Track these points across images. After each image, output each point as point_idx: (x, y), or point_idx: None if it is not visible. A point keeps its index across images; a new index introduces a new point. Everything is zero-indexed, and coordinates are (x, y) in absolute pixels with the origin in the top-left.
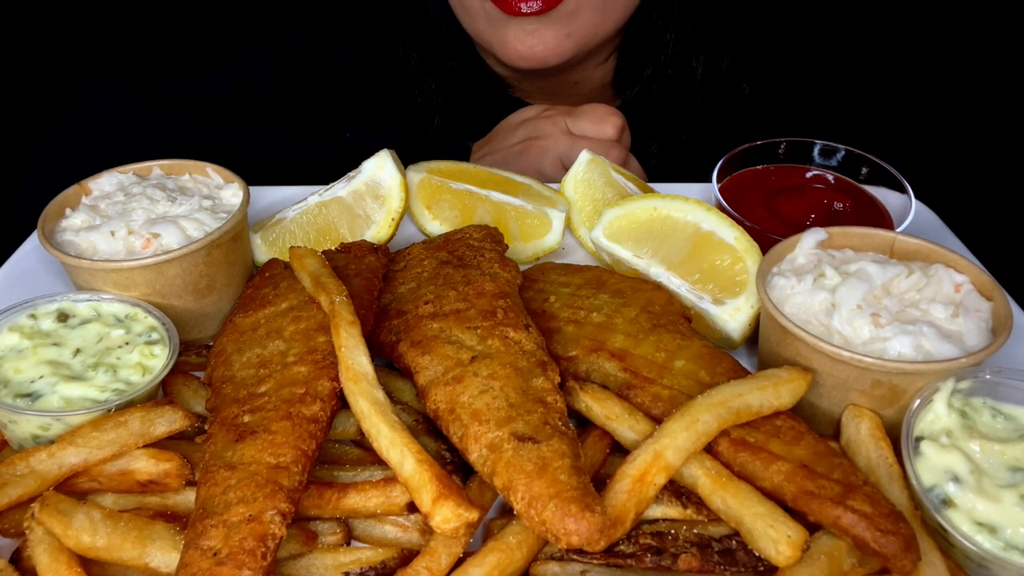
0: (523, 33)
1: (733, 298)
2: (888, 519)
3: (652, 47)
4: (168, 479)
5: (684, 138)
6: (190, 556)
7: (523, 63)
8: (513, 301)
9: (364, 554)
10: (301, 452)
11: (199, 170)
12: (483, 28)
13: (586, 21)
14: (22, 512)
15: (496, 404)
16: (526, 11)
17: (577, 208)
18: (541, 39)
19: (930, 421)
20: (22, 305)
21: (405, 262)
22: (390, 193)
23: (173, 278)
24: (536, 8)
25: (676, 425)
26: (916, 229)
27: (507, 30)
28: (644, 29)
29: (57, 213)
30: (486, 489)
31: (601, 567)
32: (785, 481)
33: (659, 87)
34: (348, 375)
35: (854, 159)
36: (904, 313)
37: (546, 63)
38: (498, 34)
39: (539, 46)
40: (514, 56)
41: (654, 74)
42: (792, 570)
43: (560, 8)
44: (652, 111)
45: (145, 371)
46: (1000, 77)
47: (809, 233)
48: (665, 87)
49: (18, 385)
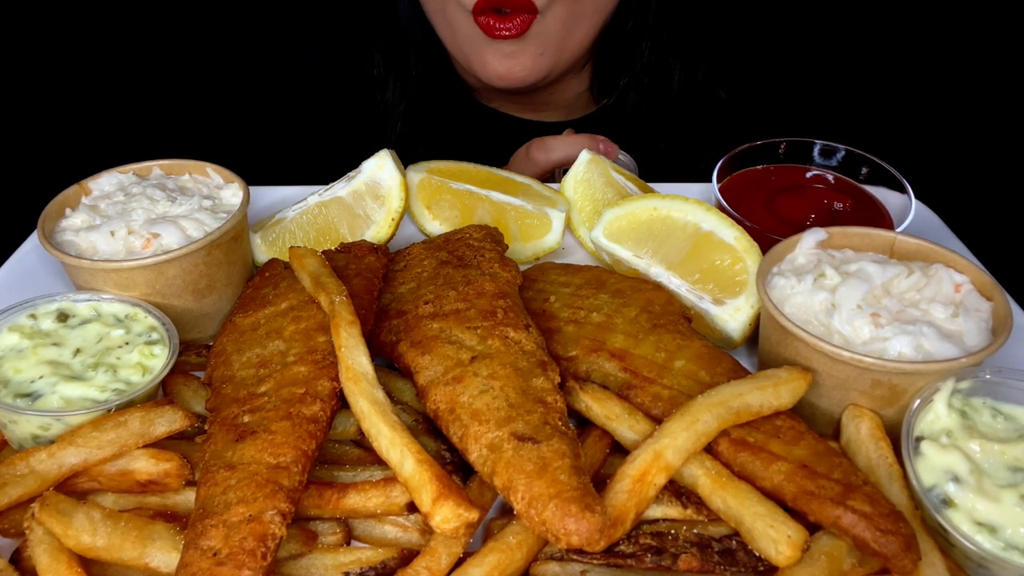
0: (502, 55)
1: (733, 298)
2: (888, 519)
3: (627, 56)
4: (168, 479)
5: (662, 147)
6: (190, 556)
7: (502, 83)
8: (513, 301)
9: (364, 554)
10: (301, 452)
11: (199, 170)
12: (463, 43)
13: (555, 38)
14: (22, 512)
15: (496, 404)
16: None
17: (577, 208)
18: (519, 61)
19: (930, 421)
20: (22, 305)
21: (405, 262)
22: (390, 193)
23: (173, 278)
24: (513, 32)
25: (676, 425)
26: (916, 229)
27: (486, 51)
28: (619, 38)
29: (57, 213)
30: (486, 489)
31: (601, 567)
32: (785, 481)
33: (636, 95)
34: (348, 375)
35: (854, 159)
36: (904, 313)
37: (524, 83)
38: (478, 52)
39: (517, 67)
40: (493, 76)
41: (630, 83)
42: (792, 570)
43: (531, 29)
44: (629, 120)
45: (145, 371)
46: (1000, 77)
47: (809, 233)
48: (642, 95)
49: (18, 385)
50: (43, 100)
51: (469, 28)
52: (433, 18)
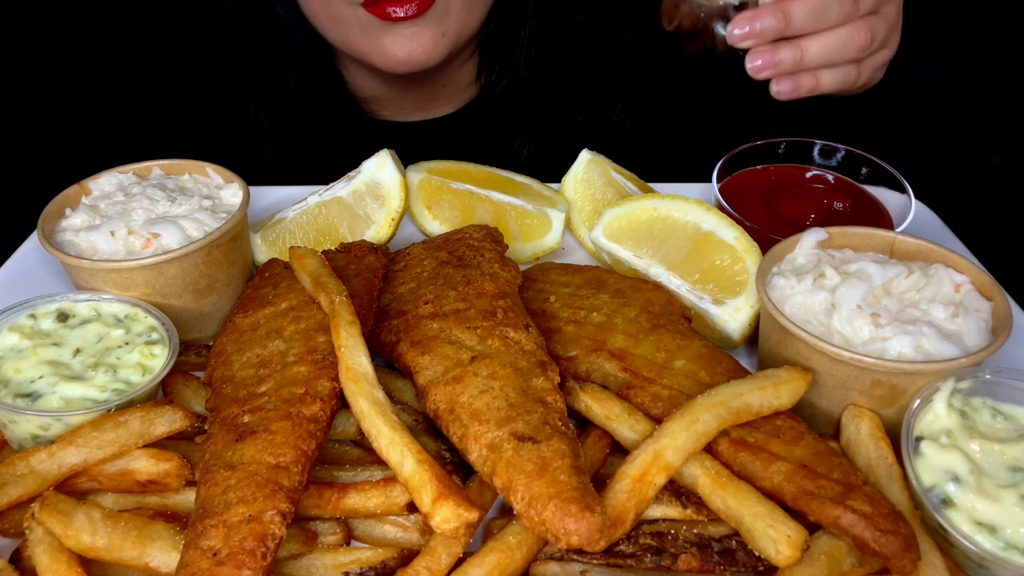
0: (401, 38)
1: (733, 298)
2: (888, 519)
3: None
4: (168, 479)
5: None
6: (190, 556)
7: (403, 68)
8: (513, 301)
9: (364, 554)
10: (301, 452)
11: (199, 170)
12: (356, 38)
13: (456, 18)
14: (22, 512)
15: (496, 404)
16: (403, 15)
17: (577, 208)
18: (420, 41)
19: (930, 421)
20: (22, 305)
21: (405, 262)
22: (390, 193)
23: (173, 278)
24: (412, 12)
25: (676, 425)
26: (916, 229)
27: (383, 37)
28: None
29: (57, 213)
30: (486, 489)
31: (601, 567)
32: (785, 481)
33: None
34: (348, 375)
35: (854, 159)
36: (904, 313)
37: (427, 64)
38: (374, 42)
39: (419, 49)
40: (393, 62)
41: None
42: (792, 570)
43: (432, 8)
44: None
45: (145, 371)
46: (1000, 77)
47: (809, 233)
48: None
49: (18, 385)
50: (43, 100)
51: (360, 19)
52: (317, 19)
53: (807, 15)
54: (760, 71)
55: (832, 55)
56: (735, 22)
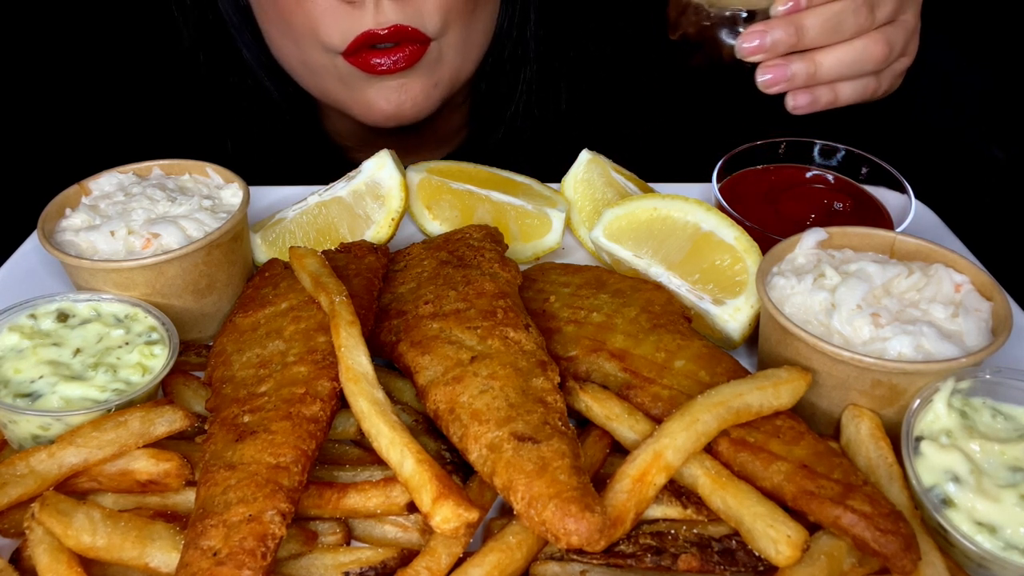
0: (387, 90)
1: (733, 298)
2: (888, 519)
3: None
4: (168, 479)
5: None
6: (190, 556)
7: (391, 123)
8: (513, 301)
9: (364, 554)
10: (301, 452)
11: (199, 170)
12: (335, 88)
13: (449, 66)
14: (22, 512)
15: (496, 404)
16: (389, 68)
17: (577, 208)
18: (409, 94)
19: (930, 421)
20: (22, 305)
21: (405, 262)
22: (390, 193)
23: (173, 278)
24: (401, 64)
25: (676, 425)
26: (916, 229)
27: (368, 90)
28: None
29: (57, 213)
30: (486, 489)
31: (601, 567)
32: (785, 481)
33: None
34: (348, 375)
35: (854, 159)
36: (904, 313)
37: (417, 118)
38: (356, 94)
39: (408, 102)
40: (379, 116)
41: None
42: (792, 570)
43: (424, 58)
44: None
45: (145, 371)
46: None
47: (809, 233)
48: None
49: (18, 385)
50: (43, 100)
51: (340, 70)
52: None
53: (820, 28)
54: (771, 85)
55: (848, 69)
56: (744, 36)
